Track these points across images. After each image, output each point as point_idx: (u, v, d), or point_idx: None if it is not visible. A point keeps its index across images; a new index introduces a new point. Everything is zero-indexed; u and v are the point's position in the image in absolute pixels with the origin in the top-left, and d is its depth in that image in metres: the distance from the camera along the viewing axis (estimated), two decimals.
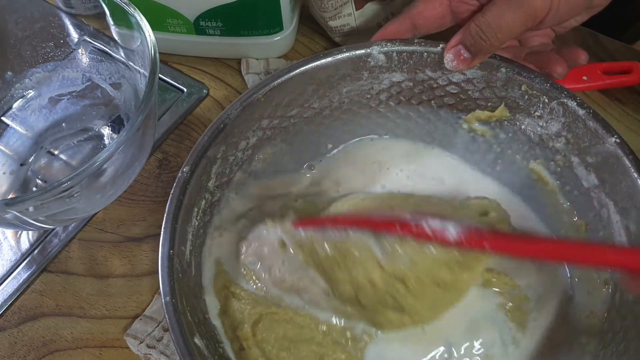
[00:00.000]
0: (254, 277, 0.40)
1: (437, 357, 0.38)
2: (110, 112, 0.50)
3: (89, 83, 0.50)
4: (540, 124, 0.42)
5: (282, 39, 0.55)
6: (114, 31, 0.46)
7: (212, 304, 0.39)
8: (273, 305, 0.39)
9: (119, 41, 0.46)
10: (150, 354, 0.41)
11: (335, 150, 0.48)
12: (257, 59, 0.56)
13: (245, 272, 0.40)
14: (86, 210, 0.44)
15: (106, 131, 0.50)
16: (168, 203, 0.36)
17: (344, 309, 0.38)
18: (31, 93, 0.50)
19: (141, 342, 0.42)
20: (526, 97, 0.41)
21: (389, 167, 0.47)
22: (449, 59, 0.40)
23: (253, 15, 0.52)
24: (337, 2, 0.51)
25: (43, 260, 0.46)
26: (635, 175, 0.37)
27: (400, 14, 0.43)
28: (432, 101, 0.46)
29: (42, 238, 0.47)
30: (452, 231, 0.33)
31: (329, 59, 0.42)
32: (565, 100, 0.40)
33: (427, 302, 0.36)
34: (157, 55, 0.40)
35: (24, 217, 0.37)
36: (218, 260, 0.41)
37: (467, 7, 0.40)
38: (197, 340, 0.33)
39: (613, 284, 0.38)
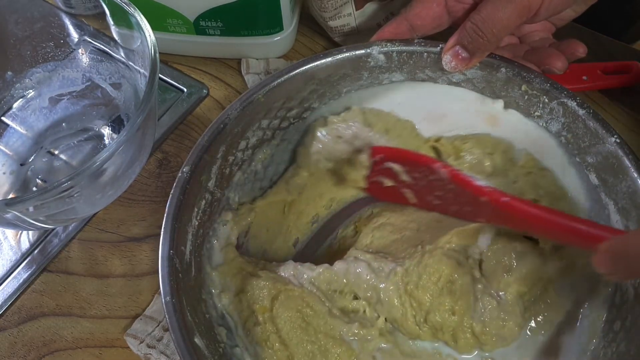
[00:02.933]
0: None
1: None
2: (110, 112, 0.50)
3: (89, 83, 0.50)
4: (540, 124, 0.42)
5: (282, 39, 0.55)
6: (114, 31, 0.46)
7: (223, 286, 0.39)
8: (291, 284, 0.40)
9: (119, 41, 0.46)
10: (150, 354, 0.41)
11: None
12: (257, 59, 0.56)
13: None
14: (86, 210, 0.44)
15: (106, 131, 0.50)
16: (168, 203, 0.36)
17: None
18: (31, 93, 0.50)
19: (141, 342, 0.42)
20: (526, 97, 0.41)
21: None
22: (447, 60, 0.40)
23: (253, 15, 0.52)
24: (337, 2, 0.51)
25: (43, 260, 0.46)
26: (635, 175, 0.37)
27: (397, 15, 0.42)
28: None
29: (42, 238, 0.47)
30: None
31: (329, 59, 0.42)
32: (565, 100, 0.40)
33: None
34: (157, 55, 0.40)
35: (24, 217, 0.37)
36: (230, 244, 0.41)
37: (462, 7, 0.41)
38: (197, 340, 0.33)
39: (613, 284, 0.38)
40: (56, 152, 0.49)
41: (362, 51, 0.42)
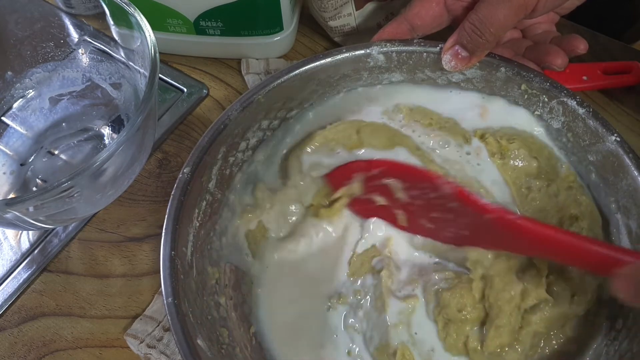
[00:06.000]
0: None
1: None
2: (110, 112, 0.50)
3: (89, 83, 0.50)
4: (540, 123, 0.42)
5: (282, 39, 0.55)
6: (114, 31, 0.46)
7: None
8: None
9: (119, 41, 0.46)
10: (150, 354, 0.41)
11: None
12: (257, 59, 0.56)
13: None
14: (86, 210, 0.44)
15: (106, 131, 0.50)
16: (169, 204, 0.36)
17: None
18: (31, 93, 0.50)
19: (141, 342, 0.42)
20: (526, 96, 0.41)
21: None
22: (447, 59, 0.40)
23: (253, 15, 0.52)
24: (337, 2, 0.51)
25: (43, 260, 0.46)
26: (636, 173, 0.37)
27: (397, 16, 0.42)
28: None
29: (42, 238, 0.47)
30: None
31: (329, 59, 0.42)
32: (564, 99, 0.40)
33: None
34: (157, 55, 0.40)
35: (24, 217, 0.37)
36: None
37: (461, 5, 0.41)
38: (199, 342, 0.33)
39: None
40: (56, 152, 0.49)
41: (362, 51, 0.42)
